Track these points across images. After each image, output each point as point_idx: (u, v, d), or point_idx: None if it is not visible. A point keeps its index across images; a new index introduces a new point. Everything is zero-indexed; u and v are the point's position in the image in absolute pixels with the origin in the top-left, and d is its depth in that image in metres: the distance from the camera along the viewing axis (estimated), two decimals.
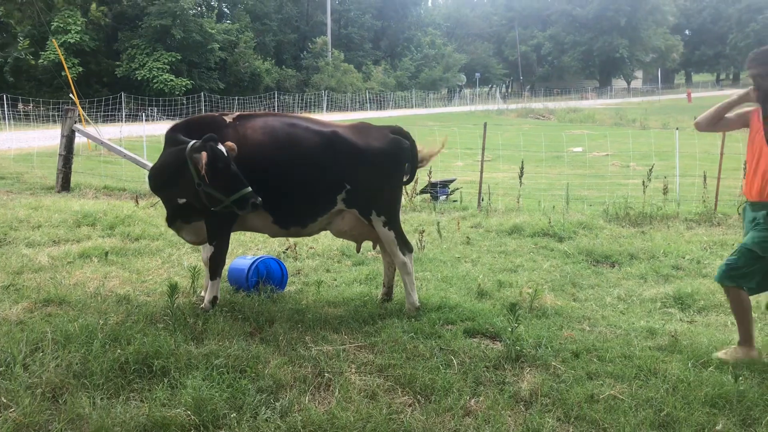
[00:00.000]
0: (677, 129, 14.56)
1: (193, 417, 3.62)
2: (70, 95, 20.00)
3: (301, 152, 5.49)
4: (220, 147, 5.02)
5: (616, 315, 5.87)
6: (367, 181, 5.62)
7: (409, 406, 3.98)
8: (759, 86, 4.57)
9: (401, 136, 5.88)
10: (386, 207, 5.72)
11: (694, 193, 12.07)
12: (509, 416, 3.86)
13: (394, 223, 5.75)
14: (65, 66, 25.45)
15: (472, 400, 4.04)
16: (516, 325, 4.77)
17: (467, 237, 8.98)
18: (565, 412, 3.91)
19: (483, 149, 12.74)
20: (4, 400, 3.74)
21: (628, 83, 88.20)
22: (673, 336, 5.23)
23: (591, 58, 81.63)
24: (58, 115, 17.11)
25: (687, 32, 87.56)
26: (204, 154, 4.90)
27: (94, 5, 42.02)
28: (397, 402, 4.00)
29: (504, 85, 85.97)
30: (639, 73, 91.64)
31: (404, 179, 5.97)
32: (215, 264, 5.53)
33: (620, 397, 4.06)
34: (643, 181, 10.53)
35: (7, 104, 28.81)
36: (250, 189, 5.02)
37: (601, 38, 79.05)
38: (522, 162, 11.42)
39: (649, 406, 3.96)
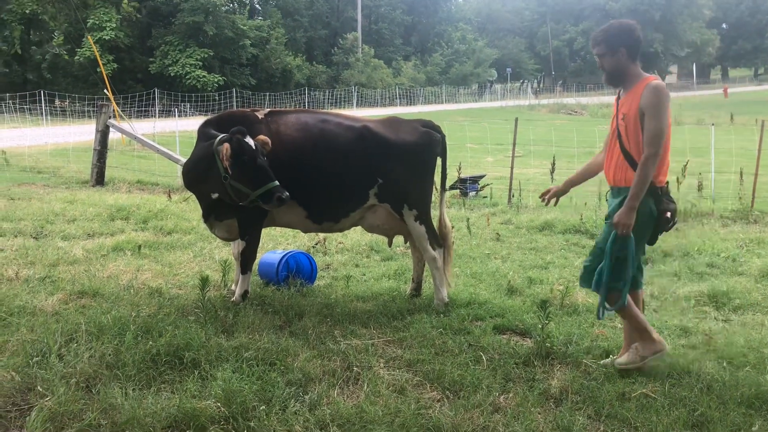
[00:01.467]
0: (713, 125, 14.27)
1: (222, 409, 3.65)
2: (105, 91, 20.29)
3: (333, 148, 5.50)
4: (248, 140, 5.01)
5: (649, 313, 5.76)
6: (398, 175, 5.61)
7: (438, 401, 3.96)
8: (602, 66, 4.32)
9: (432, 129, 5.87)
10: (418, 201, 5.71)
11: (730, 189, 11.81)
12: (539, 413, 3.82)
13: (425, 218, 5.73)
14: (100, 62, 25.80)
15: (502, 397, 4.01)
16: (546, 322, 4.71)
17: (497, 233, 8.92)
18: (596, 410, 3.86)
19: (514, 145, 12.64)
20: (41, 389, 3.81)
21: (663, 78, 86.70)
22: (707, 335, 5.13)
23: None
24: (94, 111, 17.37)
25: (724, 26, 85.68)
26: (226, 145, 4.90)
27: (125, 0, 42.62)
28: (426, 397, 3.99)
29: (536, 81, 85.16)
30: (673, 68, 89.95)
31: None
32: (246, 258, 5.57)
33: (653, 396, 4.00)
34: (677, 178, 10.31)
35: (45, 100, 29.40)
36: (276, 183, 4.99)
37: None
38: (553, 157, 11.32)
39: (683, 405, 3.89)
